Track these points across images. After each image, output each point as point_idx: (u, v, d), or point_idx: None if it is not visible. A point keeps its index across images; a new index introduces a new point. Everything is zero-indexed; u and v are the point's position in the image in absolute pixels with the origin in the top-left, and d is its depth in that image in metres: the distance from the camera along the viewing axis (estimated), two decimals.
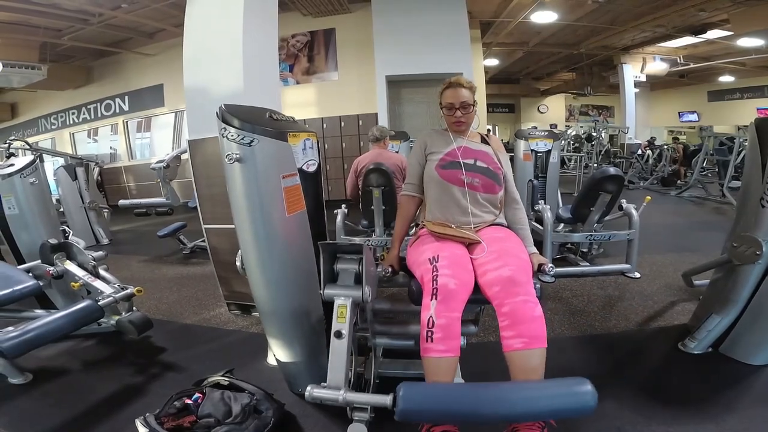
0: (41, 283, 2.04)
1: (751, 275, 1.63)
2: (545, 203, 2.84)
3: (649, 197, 3.03)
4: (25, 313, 2.17)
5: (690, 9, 6.67)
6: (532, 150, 3.35)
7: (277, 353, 1.53)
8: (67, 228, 2.86)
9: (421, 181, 1.59)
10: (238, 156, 1.21)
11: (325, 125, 6.53)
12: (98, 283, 1.98)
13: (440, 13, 5.78)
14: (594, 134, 8.01)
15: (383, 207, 2.63)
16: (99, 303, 1.79)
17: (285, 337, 1.46)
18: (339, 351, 1.21)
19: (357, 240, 2.79)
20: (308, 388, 1.13)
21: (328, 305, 1.30)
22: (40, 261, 2.19)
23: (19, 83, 7.34)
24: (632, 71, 10.20)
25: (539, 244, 2.31)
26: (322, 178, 1.59)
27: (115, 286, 1.97)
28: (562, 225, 3.09)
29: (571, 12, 7.15)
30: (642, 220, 2.75)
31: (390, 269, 1.47)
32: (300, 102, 6.92)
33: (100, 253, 2.23)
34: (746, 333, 1.68)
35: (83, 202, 4.60)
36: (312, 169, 1.43)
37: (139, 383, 1.74)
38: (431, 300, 1.17)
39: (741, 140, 5.70)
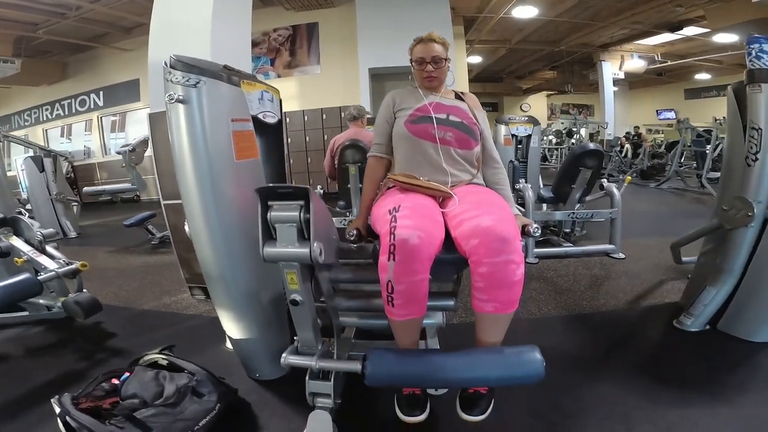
0: None
1: (745, 240, 1.56)
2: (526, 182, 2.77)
3: (629, 177, 2.99)
4: None
5: (667, 5, 6.78)
6: (512, 135, 3.29)
7: (229, 330, 1.35)
8: (23, 210, 2.68)
9: (389, 140, 1.43)
10: (181, 97, 1.07)
11: (306, 117, 6.40)
12: (43, 259, 1.80)
13: (424, 8, 5.87)
14: (574, 129, 8.08)
15: (360, 185, 2.51)
16: (38, 277, 1.62)
17: (236, 309, 1.28)
18: (302, 316, 1.07)
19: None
20: (283, 355, 1.12)
21: None
22: None
23: None
24: (611, 68, 10.36)
25: None
26: (284, 136, 1.45)
27: (60, 261, 1.80)
28: (545, 206, 3.03)
29: (552, 8, 7.19)
30: (624, 208, 2.69)
31: (355, 232, 1.27)
32: (281, 95, 6.76)
33: (51, 230, 2.05)
34: (745, 307, 1.59)
35: (50, 194, 4.36)
36: (270, 120, 1.30)
37: (82, 368, 1.59)
38: (388, 260, 0.96)
39: (717, 132, 5.76)
